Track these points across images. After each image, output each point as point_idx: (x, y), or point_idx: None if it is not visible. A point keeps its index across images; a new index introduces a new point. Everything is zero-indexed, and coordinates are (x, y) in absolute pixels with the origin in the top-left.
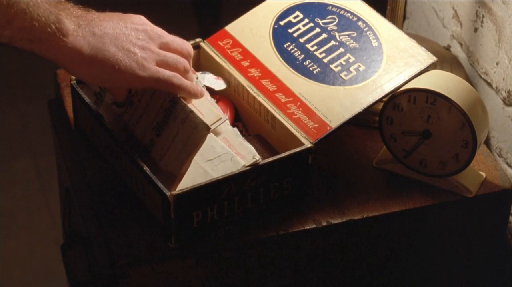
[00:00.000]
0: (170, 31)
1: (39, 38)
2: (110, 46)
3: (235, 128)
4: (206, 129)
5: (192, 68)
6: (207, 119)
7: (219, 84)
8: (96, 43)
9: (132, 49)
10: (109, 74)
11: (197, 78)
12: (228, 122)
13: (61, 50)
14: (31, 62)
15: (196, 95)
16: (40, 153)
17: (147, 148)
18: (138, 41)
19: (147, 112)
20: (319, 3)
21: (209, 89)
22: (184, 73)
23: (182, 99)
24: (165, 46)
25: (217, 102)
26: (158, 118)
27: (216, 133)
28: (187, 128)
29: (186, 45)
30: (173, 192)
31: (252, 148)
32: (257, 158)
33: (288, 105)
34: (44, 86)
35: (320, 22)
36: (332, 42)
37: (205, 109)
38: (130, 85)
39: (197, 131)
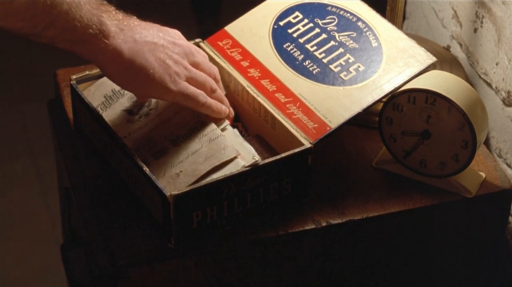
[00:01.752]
0: None
1: (81, 39)
2: (148, 55)
3: (235, 129)
4: (235, 153)
5: (222, 89)
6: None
7: None
8: (136, 49)
9: (167, 61)
10: (142, 81)
11: None
12: (229, 126)
13: (102, 51)
14: (31, 62)
15: (220, 114)
16: (40, 154)
17: (156, 154)
18: (174, 55)
19: (167, 125)
20: (318, 4)
21: None
22: (210, 93)
23: (212, 122)
24: (195, 64)
25: None
26: (180, 132)
27: None
28: (214, 147)
29: (214, 69)
30: (173, 193)
31: (252, 148)
32: (257, 159)
33: (287, 106)
34: (43, 86)
35: (320, 22)
36: (332, 43)
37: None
38: (159, 96)
39: (225, 152)
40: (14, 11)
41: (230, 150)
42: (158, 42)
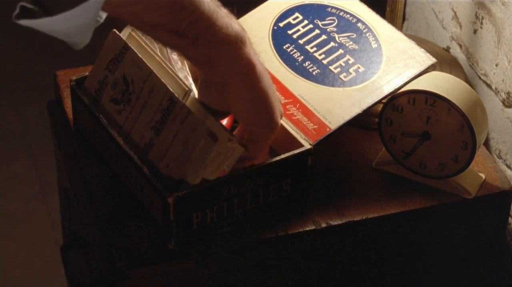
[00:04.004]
0: None
1: (221, 42)
2: (267, 79)
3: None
4: (206, 132)
5: None
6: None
7: None
8: (263, 68)
9: (276, 93)
10: (260, 104)
11: None
12: (194, 93)
13: (238, 60)
14: (31, 63)
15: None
16: (40, 155)
17: (147, 148)
18: (281, 107)
19: (146, 110)
20: (318, 5)
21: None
22: None
23: (180, 99)
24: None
25: None
26: (157, 117)
27: None
28: (186, 128)
29: None
30: (173, 194)
31: (222, 125)
32: (231, 137)
33: (287, 107)
34: (43, 87)
35: (320, 23)
36: (332, 44)
37: (173, 83)
38: (259, 128)
39: (196, 132)
40: (163, 1)
41: (200, 131)
42: (275, 92)
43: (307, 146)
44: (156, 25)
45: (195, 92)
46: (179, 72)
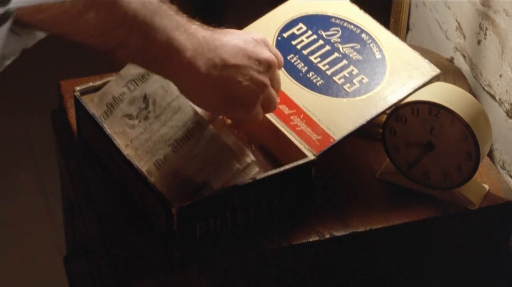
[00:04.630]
0: None
1: (155, 59)
2: (231, 73)
3: (230, 128)
4: (231, 155)
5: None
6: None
7: None
8: (214, 67)
9: (249, 85)
10: (218, 101)
11: None
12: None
13: (177, 70)
14: (35, 73)
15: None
16: (43, 164)
17: (159, 163)
18: (258, 76)
19: (166, 128)
20: (322, 15)
21: None
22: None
23: (207, 122)
24: (271, 80)
25: None
26: (178, 135)
27: None
28: (210, 149)
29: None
30: (176, 204)
31: (246, 149)
32: (250, 160)
33: (291, 117)
34: (47, 97)
35: (324, 34)
36: (336, 54)
37: (200, 108)
38: (230, 115)
39: (222, 155)
40: (83, 27)
41: (226, 152)
42: (240, 63)
43: (311, 157)
44: (87, 45)
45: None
46: None
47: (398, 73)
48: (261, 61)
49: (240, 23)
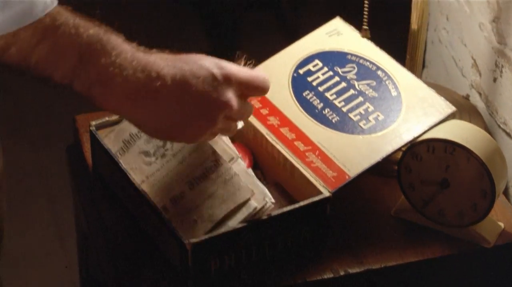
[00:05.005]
0: None
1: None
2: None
3: (250, 169)
4: (249, 193)
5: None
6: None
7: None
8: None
9: (196, 122)
10: (154, 128)
11: None
12: (240, 160)
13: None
14: (50, 106)
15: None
16: (57, 197)
17: (175, 199)
18: (214, 104)
19: (183, 166)
20: (338, 52)
21: None
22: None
23: (226, 162)
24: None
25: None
26: (195, 173)
27: None
28: (229, 188)
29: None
30: (191, 240)
31: (265, 188)
32: (268, 200)
33: (306, 154)
34: (62, 130)
35: (340, 70)
36: (351, 91)
37: (218, 148)
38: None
39: (239, 193)
40: (37, 58)
41: (244, 191)
42: (185, 96)
43: (326, 193)
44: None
45: (241, 160)
46: (223, 136)
47: (413, 111)
48: (219, 106)
49: (256, 58)
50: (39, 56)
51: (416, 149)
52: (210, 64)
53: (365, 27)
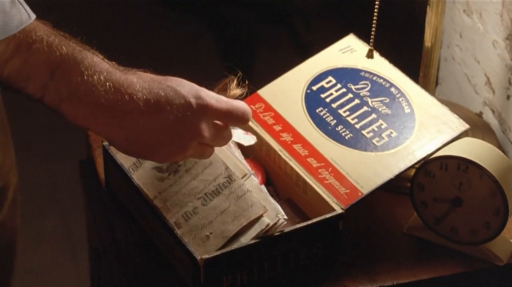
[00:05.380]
0: None
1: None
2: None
3: (263, 185)
4: (262, 210)
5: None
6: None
7: (248, 139)
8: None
9: (165, 147)
10: (128, 146)
11: None
12: (253, 177)
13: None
14: (63, 120)
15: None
16: (69, 212)
17: (187, 215)
18: (185, 132)
19: (196, 181)
20: (352, 69)
21: (239, 145)
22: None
23: (239, 178)
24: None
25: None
26: (208, 189)
27: None
28: (241, 204)
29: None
30: (203, 256)
31: (277, 204)
32: (280, 216)
33: (319, 170)
34: (75, 145)
35: (353, 87)
36: (365, 108)
37: (231, 164)
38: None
39: (252, 209)
40: (11, 70)
41: (257, 207)
42: (156, 130)
43: (338, 210)
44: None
45: (254, 176)
46: (236, 152)
47: (427, 128)
48: (186, 117)
49: (269, 75)
50: (11, 70)
51: (429, 166)
52: (188, 92)
53: (370, 46)
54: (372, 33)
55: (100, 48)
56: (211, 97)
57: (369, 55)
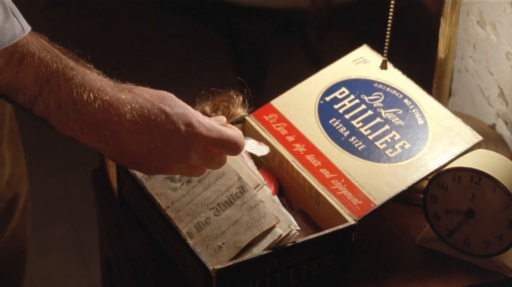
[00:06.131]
0: None
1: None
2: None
3: (275, 196)
4: (275, 220)
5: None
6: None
7: (261, 150)
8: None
9: (150, 165)
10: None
11: None
12: (266, 187)
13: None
14: None
15: None
16: (81, 221)
17: (200, 225)
18: (171, 155)
19: (208, 192)
20: (365, 80)
21: (251, 156)
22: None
23: (251, 188)
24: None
25: (261, 175)
26: (220, 200)
27: None
28: (254, 215)
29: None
30: (216, 267)
31: (290, 215)
32: (293, 227)
33: (332, 181)
34: (87, 153)
35: (366, 98)
36: (378, 119)
37: (244, 174)
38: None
39: (265, 220)
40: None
41: (270, 218)
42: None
43: (351, 221)
44: None
45: (266, 187)
46: (248, 163)
47: (440, 139)
48: (173, 132)
49: (281, 85)
50: (1, 82)
51: (442, 178)
52: (179, 118)
53: (384, 57)
54: (386, 43)
55: (113, 57)
56: (202, 125)
57: (383, 66)
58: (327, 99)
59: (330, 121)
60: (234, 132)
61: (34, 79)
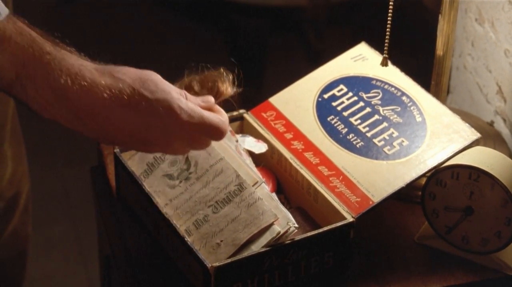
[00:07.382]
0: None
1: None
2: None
3: (274, 193)
4: (273, 218)
5: (231, 129)
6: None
7: (259, 147)
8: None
9: (149, 148)
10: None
11: (236, 141)
12: (264, 185)
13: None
14: None
15: None
16: (80, 218)
17: (198, 223)
18: (153, 141)
19: (207, 189)
20: (363, 77)
21: (250, 153)
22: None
23: (250, 186)
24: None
25: (260, 173)
26: (219, 197)
27: None
28: (252, 212)
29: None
30: (214, 264)
31: (288, 213)
32: (291, 224)
33: (330, 179)
34: (86, 151)
35: (364, 96)
36: (376, 117)
37: (242, 172)
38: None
39: (263, 217)
40: None
41: (268, 215)
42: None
43: (349, 219)
44: None
45: (265, 185)
46: (247, 160)
47: (438, 137)
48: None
49: (280, 82)
50: None
51: (440, 175)
52: (159, 104)
53: (385, 55)
54: (386, 41)
55: (112, 52)
56: (183, 110)
57: (384, 63)
58: (326, 96)
59: (329, 119)
60: (216, 117)
61: (10, 63)
